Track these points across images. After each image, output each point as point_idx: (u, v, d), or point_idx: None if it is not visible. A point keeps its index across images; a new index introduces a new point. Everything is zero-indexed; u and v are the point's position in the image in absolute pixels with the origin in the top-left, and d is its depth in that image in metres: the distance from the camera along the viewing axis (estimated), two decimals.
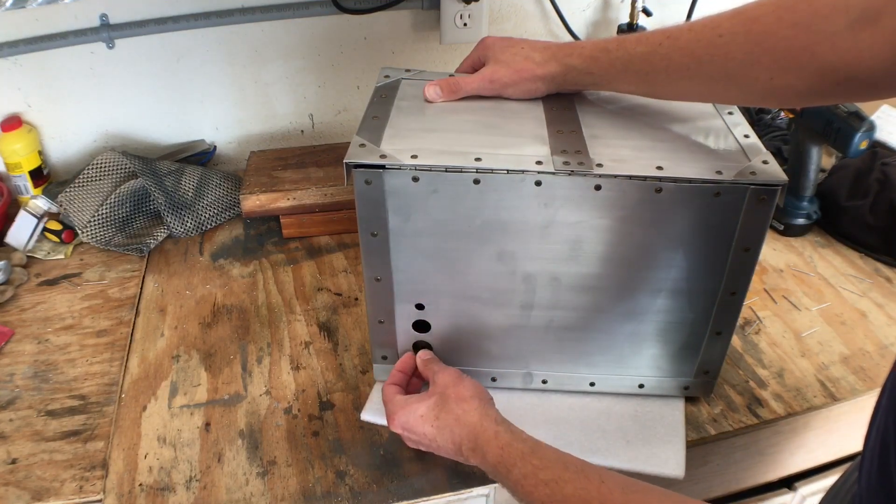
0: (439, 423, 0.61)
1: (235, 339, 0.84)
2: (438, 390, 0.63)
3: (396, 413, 0.64)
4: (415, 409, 0.63)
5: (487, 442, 0.58)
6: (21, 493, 0.65)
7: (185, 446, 0.70)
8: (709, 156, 0.62)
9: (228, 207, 1.06)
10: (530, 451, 0.56)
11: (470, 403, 0.61)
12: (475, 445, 0.59)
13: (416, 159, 0.60)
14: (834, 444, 0.87)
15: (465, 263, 0.65)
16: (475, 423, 0.59)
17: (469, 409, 0.60)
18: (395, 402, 0.65)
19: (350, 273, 0.95)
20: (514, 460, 0.55)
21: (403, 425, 0.63)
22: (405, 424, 0.63)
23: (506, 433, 0.58)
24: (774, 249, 0.99)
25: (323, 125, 1.21)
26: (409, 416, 0.63)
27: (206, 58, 1.09)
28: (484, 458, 0.58)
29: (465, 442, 0.59)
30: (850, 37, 0.50)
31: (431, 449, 0.63)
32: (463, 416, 0.60)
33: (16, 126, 1.03)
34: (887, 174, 0.97)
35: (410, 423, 0.63)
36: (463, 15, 1.11)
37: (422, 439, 0.63)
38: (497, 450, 0.57)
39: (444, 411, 0.61)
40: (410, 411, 0.63)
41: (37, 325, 0.86)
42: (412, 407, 0.63)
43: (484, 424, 0.59)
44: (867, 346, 0.82)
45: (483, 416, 0.60)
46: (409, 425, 0.63)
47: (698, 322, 0.68)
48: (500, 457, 0.56)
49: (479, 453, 0.58)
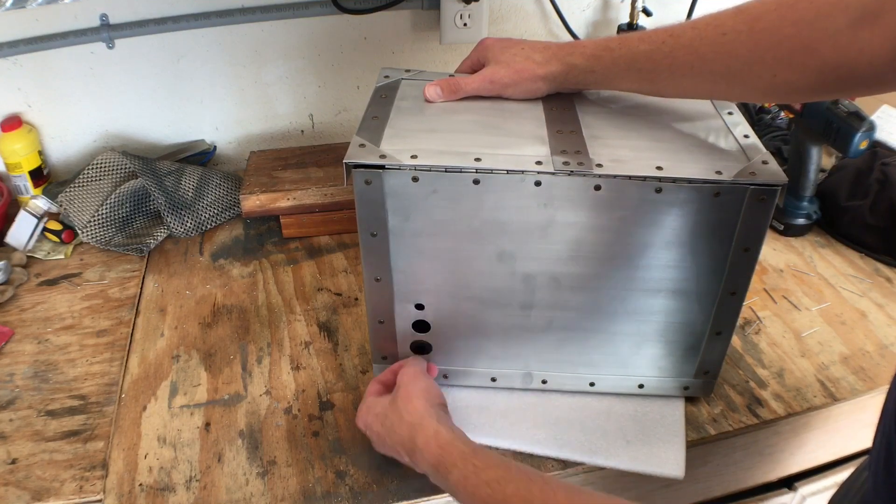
0: (387, 422, 0.61)
1: (235, 339, 0.84)
2: (399, 385, 0.63)
3: (360, 409, 0.65)
4: (373, 408, 0.63)
5: (426, 441, 0.57)
6: (21, 493, 0.65)
7: (185, 446, 0.70)
8: (709, 156, 0.62)
9: (228, 207, 1.06)
10: (472, 452, 0.55)
11: (415, 403, 0.60)
12: (414, 445, 0.58)
13: (416, 159, 0.60)
14: (834, 444, 0.87)
15: (465, 263, 0.65)
16: (416, 422, 0.58)
17: (413, 409, 0.60)
18: (365, 400, 0.66)
19: (350, 273, 0.95)
20: (454, 460, 0.54)
21: (363, 422, 0.64)
22: (364, 421, 0.64)
23: (447, 433, 0.57)
24: (774, 249, 0.99)
25: (323, 125, 1.21)
26: (368, 413, 0.63)
27: (206, 58, 1.09)
28: (423, 459, 0.57)
29: (406, 441, 0.58)
30: (851, 34, 0.51)
31: (386, 450, 0.63)
32: (406, 415, 0.59)
33: (16, 126, 1.03)
34: (887, 174, 0.97)
35: (368, 420, 0.63)
36: (463, 15, 1.11)
37: (376, 438, 0.63)
38: (436, 449, 0.56)
39: (392, 410, 0.61)
40: (370, 410, 0.64)
41: (37, 325, 0.86)
42: (371, 406, 0.64)
43: (424, 423, 0.58)
44: (867, 346, 0.82)
45: (425, 415, 0.59)
46: (367, 422, 0.63)
47: (698, 322, 0.68)
48: (439, 456, 0.55)
49: (418, 454, 0.57)
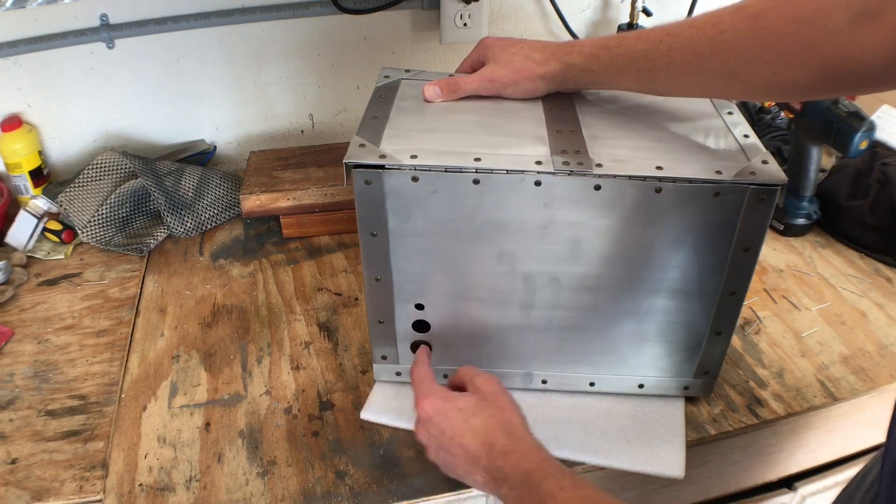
0: (475, 422, 0.59)
1: (235, 339, 0.84)
2: (483, 391, 0.62)
3: (431, 397, 0.62)
4: (454, 400, 0.61)
5: (528, 451, 0.57)
6: (21, 493, 0.65)
7: (185, 446, 0.70)
8: (708, 156, 0.62)
9: (228, 207, 1.06)
10: (570, 472, 0.55)
11: (514, 414, 0.60)
12: (512, 449, 0.57)
13: (416, 159, 0.60)
14: (834, 445, 0.87)
15: (465, 263, 0.65)
16: (518, 432, 0.58)
17: (514, 419, 0.60)
18: (433, 388, 0.63)
19: (350, 273, 0.95)
20: (552, 471, 0.54)
21: (437, 410, 0.61)
22: (439, 409, 0.61)
23: (547, 451, 0.57)
24: (774, 249, 0.99)
25: (323, 125, 1.21)
26: (446, 404, 0.61)
27: (206, 58, 1.09)
28: (517, 463, 0.56)
29: (500, 445, 0.58)
30: (851, 32, 0.50)
31: (444, 448, 0.61)
32: (506, 423, 0.59)
33: (16, 126, 1.03)
34: (887, 174, 0.97)
35: (445, 410, 0.60)
36: (463, 15, 1.11)
37: (445, 431, 0.60)
38: (538, 458, 0.56)
39: (485, 412, 0.60)
40: (448, 399, 0.61)
41: (37, 325, 0.86)
42: (450, 396, 0.61)
43: (527, 437, 0.58)
44: (867, 346, 0.82)
45: (526, 429, 0.59)
46: (442, 412, 0.60)
47: (698, 322, 0.68)
48: (537, 464, 0.55)
49: (512, 458, 0.57)
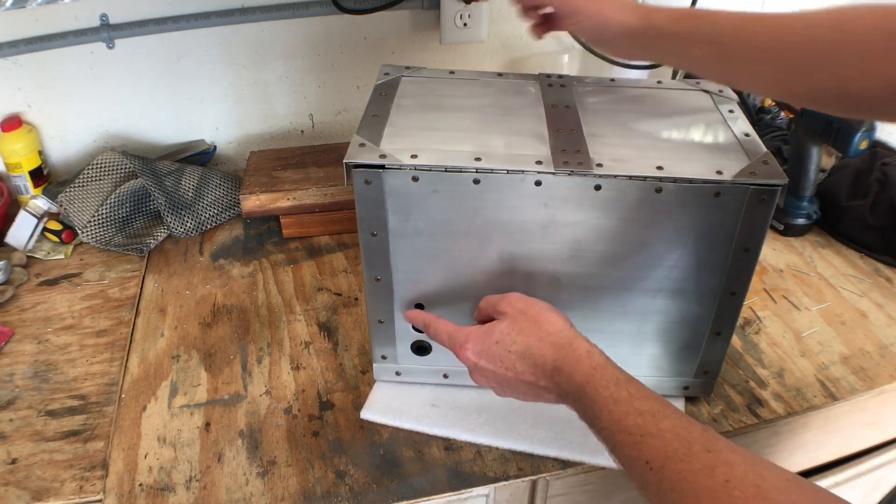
0: (517, 347, 0.56)
1: (235, 339, 0.84)
2: (511, 312, 0.58)
3: (469, 340, 0.58)
4: (489, 335, 0.57)
5: (578, 359, 0.53)
6: (21, 493, 0.65)
7: (185, 446, 0.70)
8: (709, 156, 0.62)
9: (228, 207, 1.06)
10: (626, 379, 0.51)
11: (553, 321, 0.56)
12: (562, 363, 0.53)
13: (416, 159, 0.60)
14: (834, 445, 0.87)
15: (465, 263, 0.65)
16: (561, 341, 0.54)
17: (554, 327, 0.56)
18: (463, 331, 0.59)
19: (350, 273, 0.95)
20: (605, 382, 0.50)
21: (478, 353, 0.57)
22: (479, 352, 0.57)
23: (600, 355, 0.53)
24: (774, 249, 0.99)
25: (323, 125, 1.21)
26: (484, 343, 0.57)
27: (206, 58, 1.09)
28: (570, 378, 0.52)
29: (550, 361, 0.54)
30: None
31: (504, 384, 0.58)
32: (547, 335, 0.55)
33: (16, 126, 1.03)
34: (887, 174, 0.97)
35: (485, 349, 0.57)
36: (463, 15, 1.11)
37: (496, 371, 0.57)
38: (589, 368, 0.52)
39: (522, 332, 0.56)
40: (483, 337, 0.57)
41: (37, 325, 0.86)
42: (484, 333, 0.58)
43: (574, 342, 0.54)
44: (867, 346, 0.82)
45: (572, 335, 0.55)
46: (483, 353, 0.57)
47: (698, 322, 0.68)
48: (590, 376, 0.51)
49: (564, 372, 0.53)
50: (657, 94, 0.74)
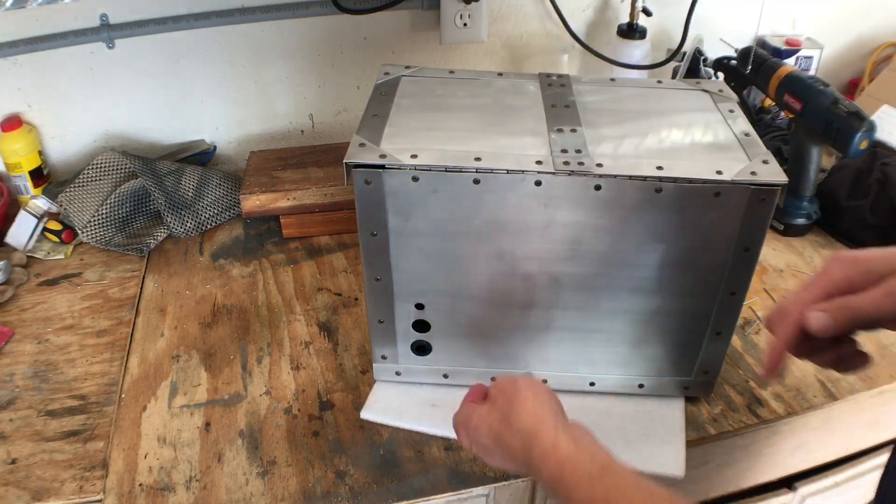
0: (491, 435, 0.53)
1: (235, 339, 0.84)
2: (493, 393, 0.56)
3: (456, 419, 0.57)
4: (469, 417, 0.56)
5: (543, 455, 0.49)
6: (21, 493, 0.65)
7: (185, 446, 0.70)
8: (709, 156, 0.62)
9: (228, 207, 1.06)
10: (599, 470, 0.46)
11: (527, 407, 0.52)
12: (530, 457, 0.49)
13: (416, 159, 0.60)
14: (834, 444, 0.87)
15: (465, 263, 0.65)
16: (529, 430, 0.50)
17: (524, 416, 0.51)
18: (458, 411, 0.58)
19: (350, 273, 0.95)
20: (576, 481, 0.46)
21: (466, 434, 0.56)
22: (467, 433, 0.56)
23: (567, 445, 0.48)
24: (774, 249, 0.99)
25: (323, 125, 1.21)
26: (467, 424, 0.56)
27: (206, 58, 1.09)
28: (539, 474, 0.49)
29: (519, 453, 0.51)
30: None
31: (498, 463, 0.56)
32: (516, 423, 0.51)
33: (16, 126, 1.03)
34: (887, 174, 0.97)
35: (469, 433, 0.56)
36: (463, 15, 1.11)
37: (479, 451, 0.56)
38: (554, 465, 0.48)
39: (497, 419, 0.53)
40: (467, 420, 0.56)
41: (37, 325, 0.86)
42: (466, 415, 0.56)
43: (539, 433, 0.50)
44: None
45: (540, 423, 0.50)
46: (469, 434, 0.56)
47: (698, 322, 0.68)
48: (558, 475, 0.47)
49: (533, 467, 0.49)
50: (657, 94, 0.74)
